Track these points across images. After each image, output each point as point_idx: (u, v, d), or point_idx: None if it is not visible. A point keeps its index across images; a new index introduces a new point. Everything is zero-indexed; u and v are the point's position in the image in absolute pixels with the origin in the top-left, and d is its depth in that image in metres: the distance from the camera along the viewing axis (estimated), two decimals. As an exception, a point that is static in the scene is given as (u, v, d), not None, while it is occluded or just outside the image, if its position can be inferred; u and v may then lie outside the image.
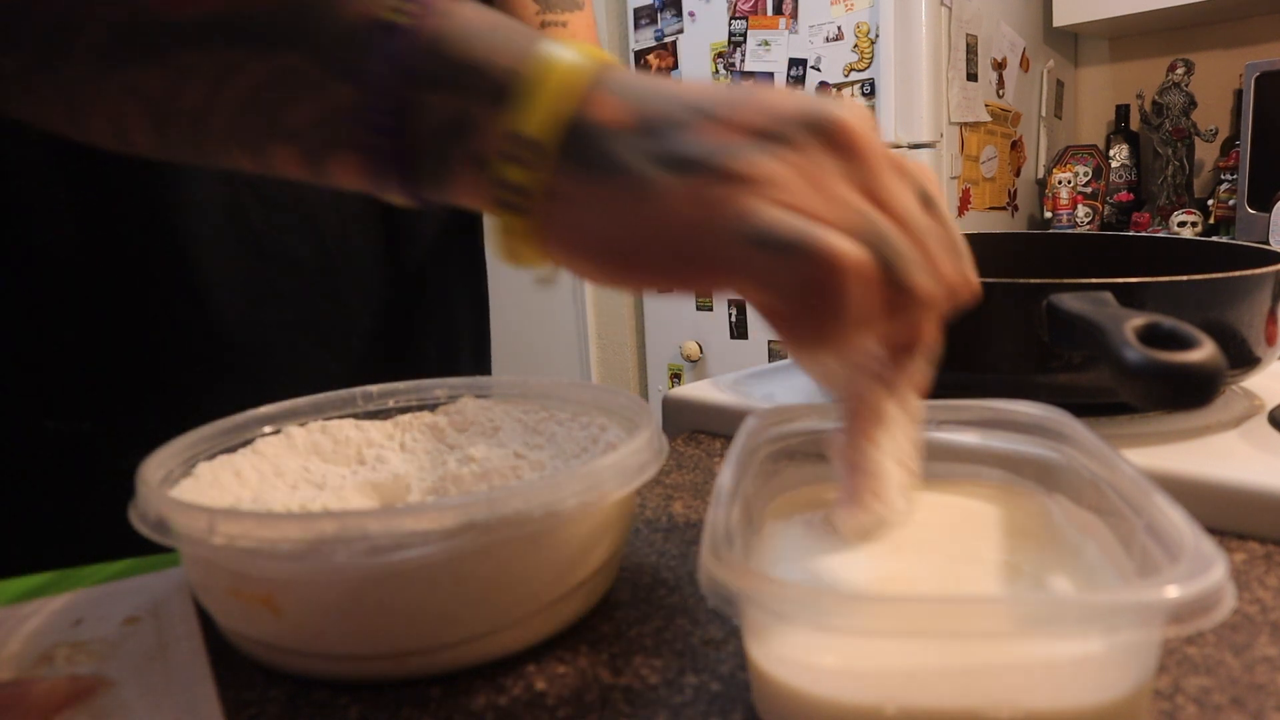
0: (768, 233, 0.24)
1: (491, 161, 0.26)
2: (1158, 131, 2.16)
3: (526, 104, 0.26)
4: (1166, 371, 0.33)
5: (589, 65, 0.27)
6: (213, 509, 0.32)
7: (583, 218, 0.26)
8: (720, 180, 0.25)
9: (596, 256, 0.27)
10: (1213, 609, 0.24)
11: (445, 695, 0.33)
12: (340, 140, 0.28)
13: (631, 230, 0.26)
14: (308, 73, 0.28)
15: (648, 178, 0.25)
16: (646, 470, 0.36)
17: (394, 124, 0.27)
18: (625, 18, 2.33)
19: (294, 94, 0.28)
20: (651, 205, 0.25)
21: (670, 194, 0.25)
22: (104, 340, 0.53)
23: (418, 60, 0.27)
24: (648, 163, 0.25)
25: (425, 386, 0.50)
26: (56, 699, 0.32)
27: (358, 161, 0.28)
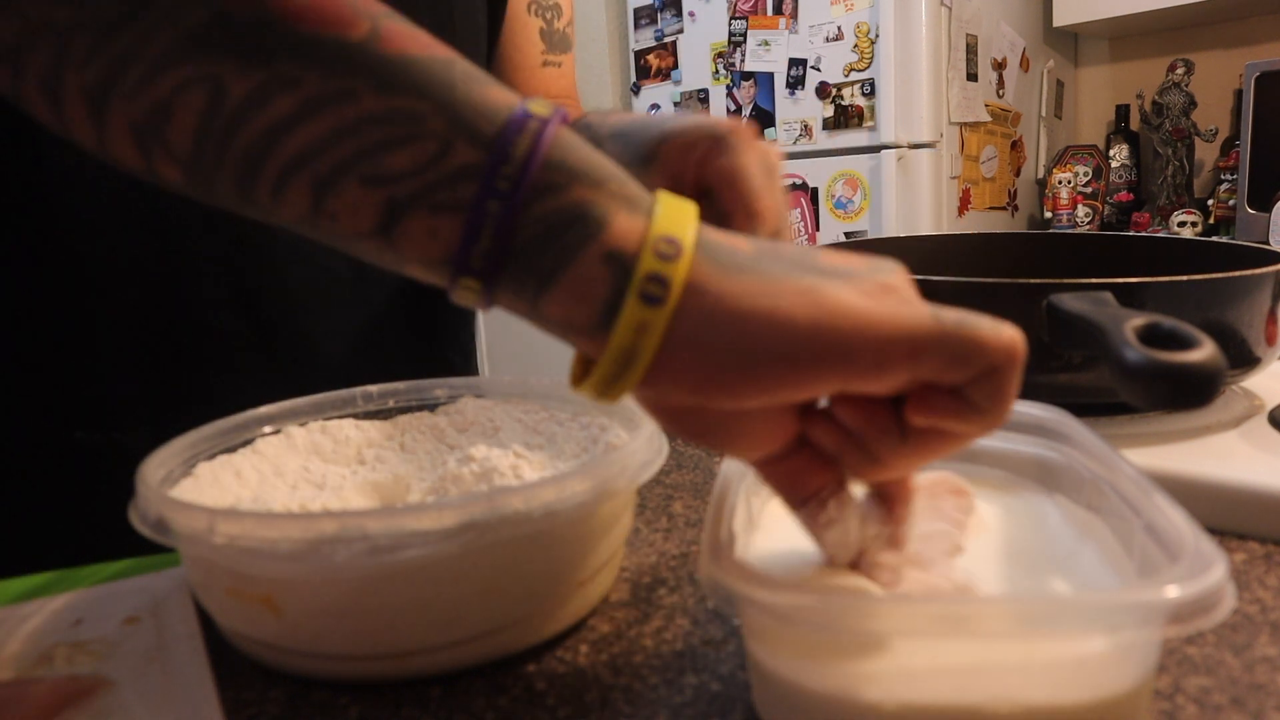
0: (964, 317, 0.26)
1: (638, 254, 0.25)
2: (1158, 131, 2.16)
3: (662, 211, 0.26)
4: (1166, 371, 0.33)
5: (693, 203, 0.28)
6: (213, 509, 0.32)
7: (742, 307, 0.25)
8: (880, 286, 0.26)
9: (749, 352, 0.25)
10: (1213, 609, 0.24)
11: (445, 695, 0.33)
12: (439, 197, 0.26)
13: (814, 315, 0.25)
14: (430, 123, 0.26)
15: (809, 278, 0.26)
16: (647, 470, 0.36)
17: (518, 193, 0.26)
18: (625, 18, 2.33)
19: (404, 139, 0.26)
20: (834, 297, 0.25)
21: (845, 290, 0.26)
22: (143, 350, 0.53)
23: (557, 150, 0.26)
24: (797, 270, 0.26)
25: (425, 386, 0.50)
26: (56, 699, 0.32)
27: (450, 224, 0.26)
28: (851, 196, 1.95)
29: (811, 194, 2.04)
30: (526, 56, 0.70)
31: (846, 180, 1.95)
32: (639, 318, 0.25)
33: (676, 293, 0.25)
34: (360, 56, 0.26)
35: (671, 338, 0.25)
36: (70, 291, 0.51)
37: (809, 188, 2.04)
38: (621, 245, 0.26)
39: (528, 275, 0.26)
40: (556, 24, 0.71)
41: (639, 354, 0.25)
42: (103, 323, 0.52)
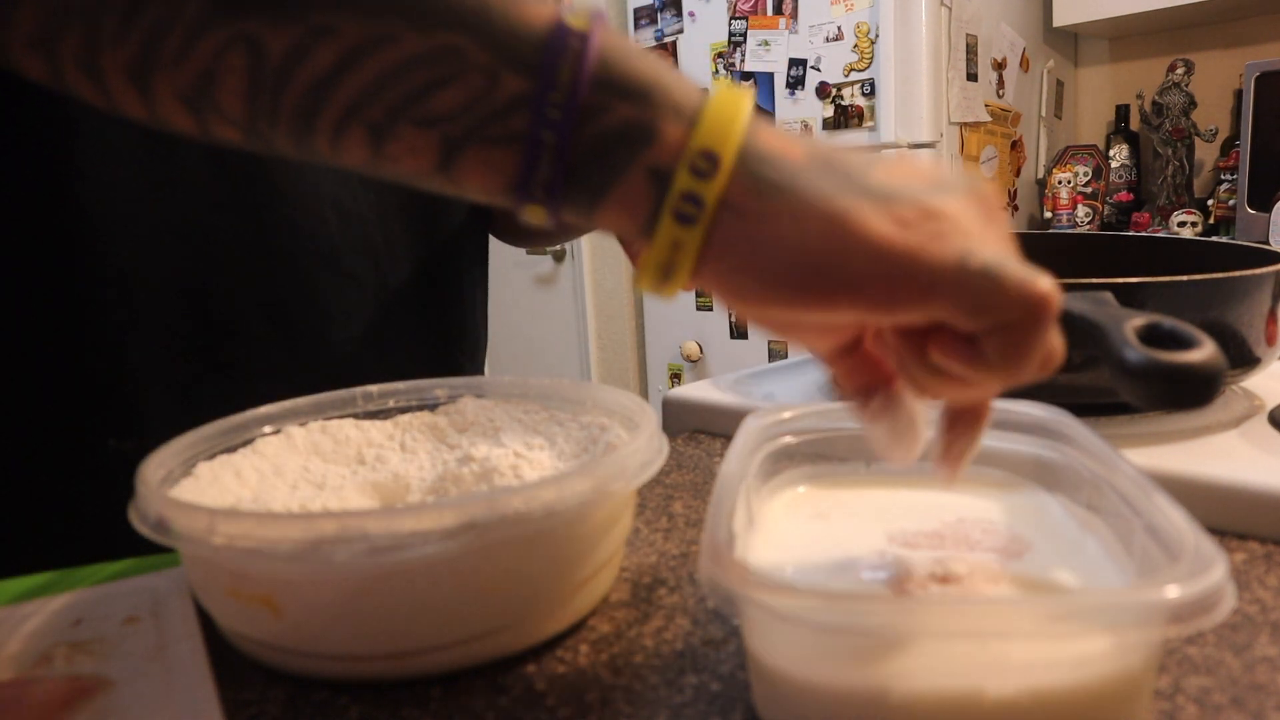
0: (990, 260, 0.25)
1: (674, 171, 0.26)
2: (1158, 131, 2.16)
3: (705, 122, 0.26)
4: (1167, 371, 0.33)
5: (751, 100, 0.27)
6: (213, 509, 0.32)
7: (767, 231, 0.26)
8: (921, 213, 0.26)
9: (775, 273, 0.26)
10: (1213, 609, 0.24)
11: (445, 695, 0.33)
12: (494, 131, 0.26)
13: (834, 245, 0.25)
14: (474, 57, 0.26)
15: (846, 199, 0.25)
16: (647, 470, 0.36)
17: (570, 121, 0.26)
18: (625, 18, 2.33)
19: (451, 76, 0.26)
20: (857, 224, 0.25)
21: (876, 216, 0.25)
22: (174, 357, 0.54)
23: (604, 66, 0.26)
24: (838, 188, 0.26)
25: (425, 386, 0.50)
26: (56, 699, 0.32)
27: (507, 156, 0.27)
28: (851, 196, 1.95)
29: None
30: None
31: (846, 180, 1.95)
32: (673, 235, 0.26)
33: (709, 212, 0.26)
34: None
35: (705, 253, 0.26)
36: (103, 300, 0.52)
37: (809, 188, 2.03)
38: (663, 159, 0.26)
39: (581, 192, 0.27)
40: None
41: (676, 266, 0.26)
42: (135, 331, 0.53)
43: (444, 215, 0.65)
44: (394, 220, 0.61)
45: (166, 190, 0.52)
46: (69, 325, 0.52)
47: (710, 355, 2.31)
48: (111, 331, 0.52)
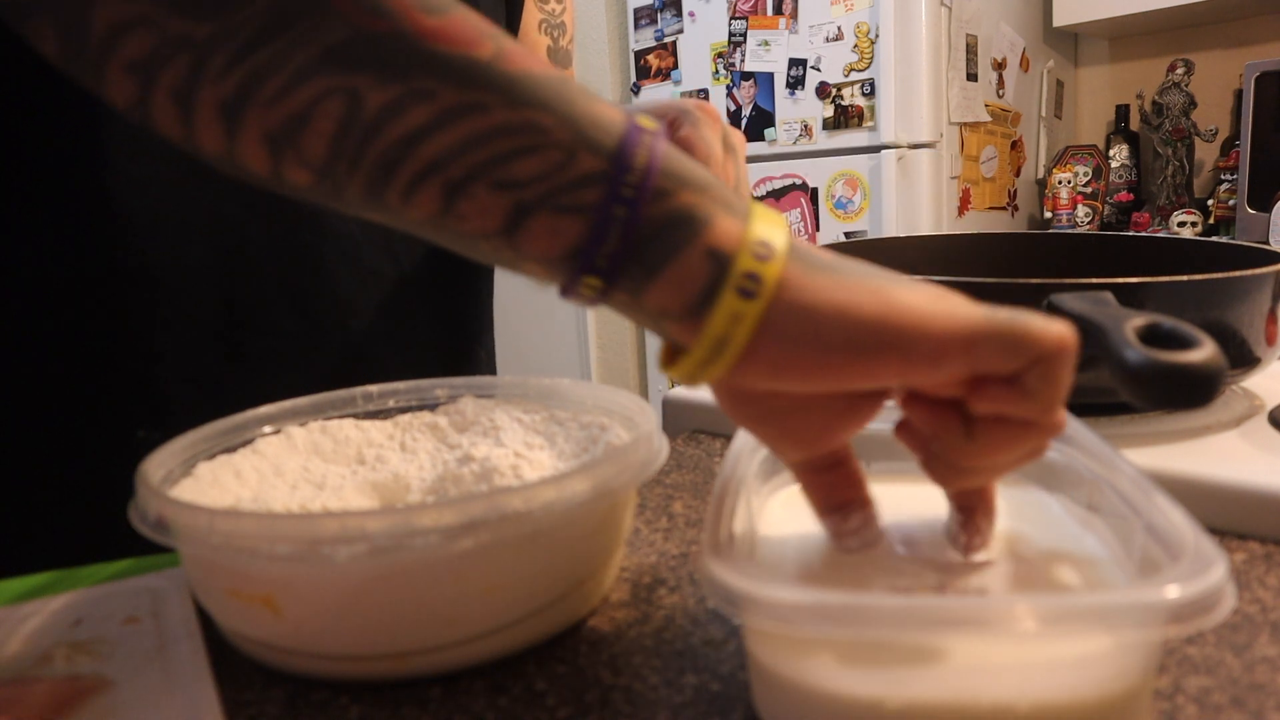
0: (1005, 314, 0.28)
1: (735, 254, 0.28)
2: (1158, 131, 2.16)
3: (757, 219, 0.29)
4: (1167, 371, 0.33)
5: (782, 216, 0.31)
6: (212, 509, 0.32)
7: (821, 301, 0.28)
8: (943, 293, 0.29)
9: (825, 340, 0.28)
10: (1213, 609, 0.24)
11: (445, 695, 0.33)
12: (565, 201, 0.29)
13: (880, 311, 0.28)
14: (556, 134, 0.29)
15: (885, 279, 0.29)
16: (647, 470, 0.36)
17: (642, 198, 0.28)
18: (625, 18, 2.33)
19: (532, 148, 0.29)
20: (902, 294, 0.28)
21: (911, 292, 0.29)
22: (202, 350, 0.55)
23: (667, 160, 0.29)
24: (876, 274, 0.29)
25: (425, 386, 0.50)
26: (56, 699, 0.32)
27: (574, 225, 0.29)
28: (851, 197, 1.95)
29: (811, 194, 2.04)
30: None
31: (846, 180, 1.95)
32: (734, 309, 0.28)
33: (770, 289, 0.28)
34: (489, 73, 0.29)
35: (761, 328, 0.28)
36: (133, 294, 0.53)
37: (809, 188, 2.04)
38: (721, 244, 0.28)
39: (639, 265, 0.29)
40: (561, 42, 0.75)
41: (731, 341, 0.28)
42: (163, 324, 0.54)
43: None
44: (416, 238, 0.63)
45: (195, 187, 0.53)
46: (99, 318, 0.53)
47: (710, 355, 2.30)
48: (141, 325, 0.54)
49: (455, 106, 0.28)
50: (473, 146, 0.29)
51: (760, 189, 2.11)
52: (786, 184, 2.07)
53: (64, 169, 0.51)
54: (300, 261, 0.57)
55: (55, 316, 0.53)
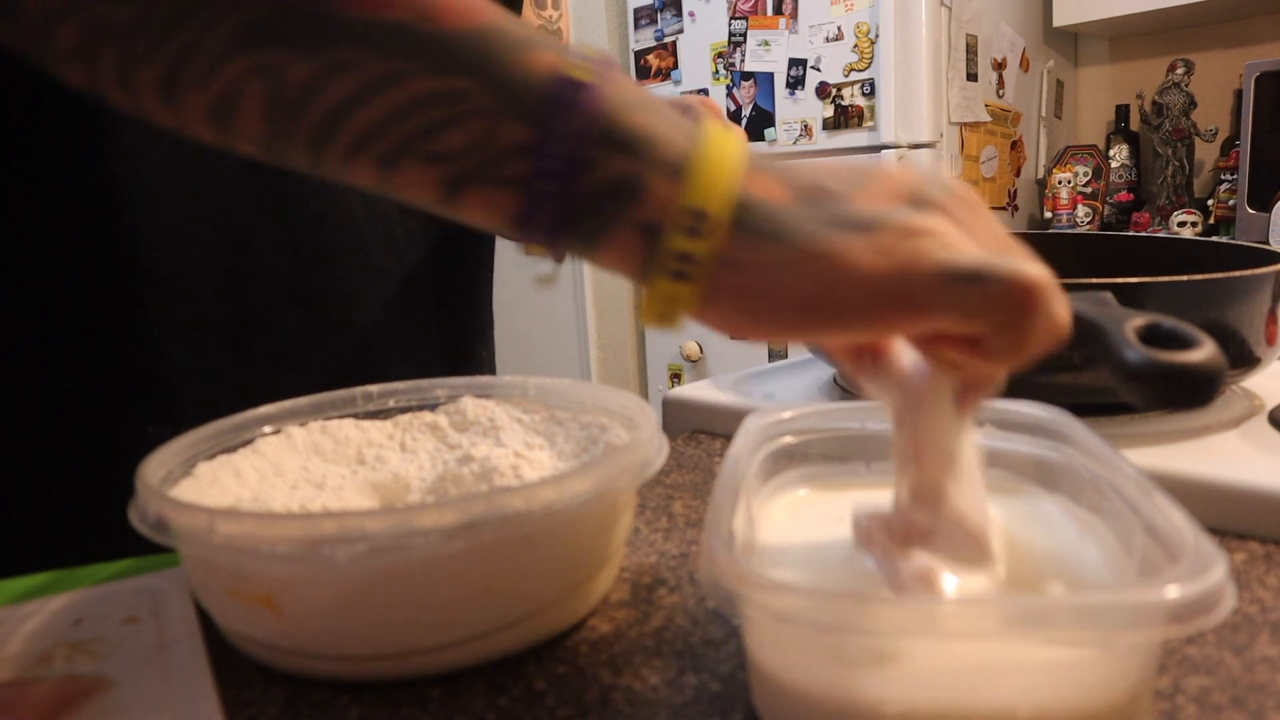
0: (970, 268, 0.26)
1: (664, 231, 0.27)
2: (1158, 131, 2.16)
3: (699, 179, 0.27)
4: (1167, 371, 0.33)
5: (743, 144, 0.29)
6: (212, 509, 0.32)
7: (761, 281, 0.27)
8: (902, 235, 0.27)
9: (774, 315, 0.27)
10: (1213, 609, 0.24)
11: (445, 695, 0.33)
12: (493, 174, 0.28)
13: (824, 286, 0.27)
14: (478, 101, 0.28)
15: (831, 239, 0.27)
16: (647, 470, 0.36)
17: (567, 172, 0.27)
18: (625, 18, 2.33)
19: (456, 118, 0.28)
20: (843, 262, 0.26)
21: (859, 251, 0.27)
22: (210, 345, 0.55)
23: (600, 120, 0.27)
24: (824, 227, 0.27)
25: (425, 386, 0.50)
26: (56, 699, 0.32)
27: (507, 199, 0.28)
28: (851, 196, 1.95)
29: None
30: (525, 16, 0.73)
31: (846, 180, 1.95)
32: (669, 291, 0.27)
33: (705, 269, 0.27)
34: (409, 37, 0.28)
35: (703, 302, 0.28)
36: (140, 291, 0.53)
37: (809, 188, 2.03)
38: (654, 216, 0.27)
39: (576, 238, 0.28)
40: None
41: (673, 314, 0.28)
42: (171, 321, 0.54)
43: None
44: (413, 214, 0.63)
45: (203, 185, 0.54)
46: (106, 315, 0.53)
47: (710, 355, 2.31)
48: (148, 321, 0.54)
49: (376, 78, 0.28)
50: (397, 119, 0.28)
51: (760, 189, 2.11)
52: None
53: (70, 165, 0.51)
54: (307, 259, 0.58)
55: (62, 313, 0.53)
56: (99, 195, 0.52)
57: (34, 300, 0.53)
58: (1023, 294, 0.26)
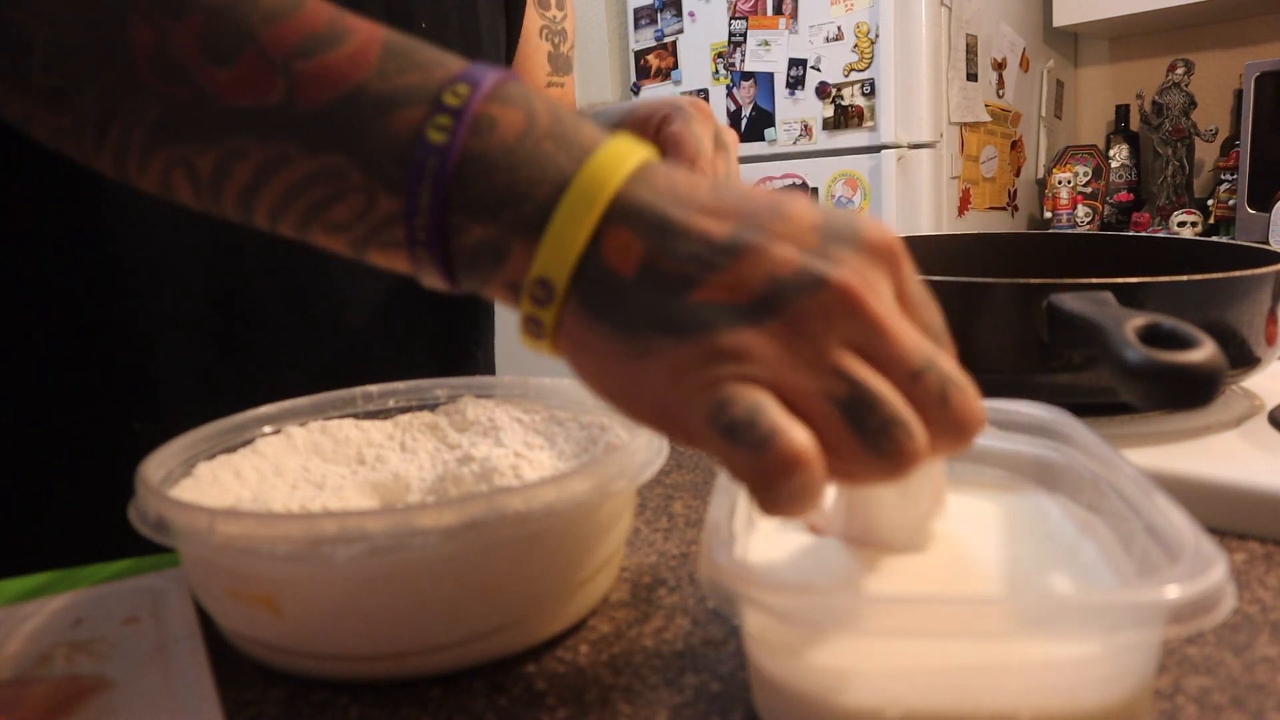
0: (726, 420, 0.25)
1: (521, 293, 0.28)
2: (1158, 131, 2.16)
3: (547, 245, 0.27)
4: (1167, 371, 0.33)
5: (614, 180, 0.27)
6: (213, 509, 0.32)
7: (585, 357, 0.28)
8: (707, 356, 0.25)
9: (599, 390, 0.28)
10: (1213, 609, 0.24)
11: (445, 695, 0.33)
12: (383, 240, 0.30)
13: (622, 382, 0.27)
14: (352, 177, 0.29)
15: (643, 342, 0.26)
16: (647, 470, 0.36)
17: (435, 242, 0.28)
18: (625, 18, 2.33)
19: (338, 194, 0.29)
20: (639, 366, 0.26)
21: (657, 359, 0.26)
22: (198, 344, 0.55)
23: (458, 184, 0.28)
24: (644, 322, 0.26)
25: (425, 386, 0.50)
26: (56, 699, 0.32)
27: (400, 260, 0.30)
28: (851, 196, 1.95)
29: (812, 194, 2.04)
30: (535, 79, 0.75)
31: (846, 180, 1.95)
32: (530, 340, 0.29)
33: (549, 332, 0.28)
34: (285, 119, 0.29)
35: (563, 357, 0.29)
36: (128, 288, 0.54)
37: (809, 188, 2.04)
38: (515, 277, 0.28)
39: (468, 285, 0.30)
40: (562, 48, 0.77)
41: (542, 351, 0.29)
42: (159, 319, 0.54)
43: None
44: None
45: None
46: (94, 312, 0.54)
47: (710, 355, 2.30)
48: (137, 319, 0.54)
49: (265, 163, 0.30)
50: (293, 198, 0.30)
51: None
52: (786, 184, 2.07)
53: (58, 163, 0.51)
54: (296, 257, 0.57)
55: (50, 310, 0.53)
56: (87, 193, 0.52)
57: (22, 298, 0.53)
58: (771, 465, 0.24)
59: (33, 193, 0.52)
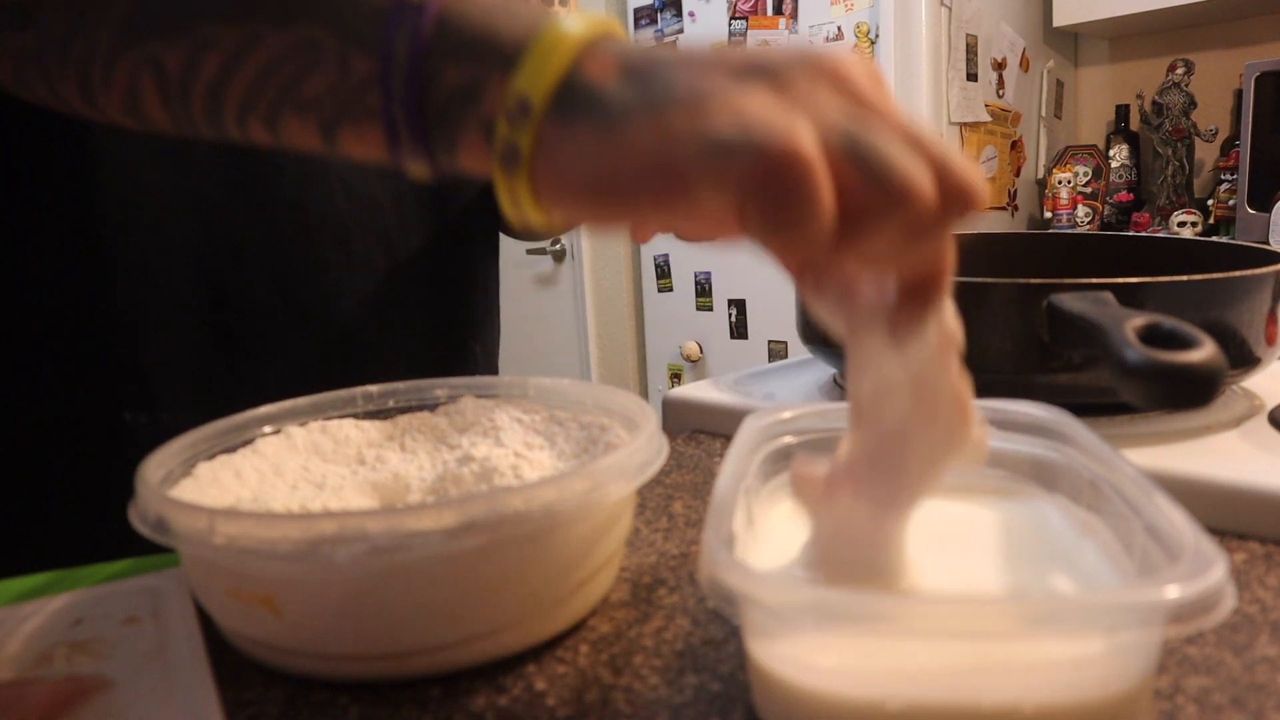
0: (715, 136, 0.24)
1: (494, 122, 0.28)
2: (1158, 131, 2.16)
3: (526, 67, 0.27)
4: (1167, 371, 0.33)
5: (588, 31, 0.28)
6: (213, 509, 0.32)
7: (562, 163, 0.27)
8: (696, 109, 0.25)
9: (577, 197, 0.27)
10: (1213, 609, 0.24)
11: (445, 695, 0.33)
12: (356, 110, 0.30)
13: (606, 164, 0.26)
14: (327, 44, 0.29)
15: (620, 116, 0.26)
16: (647, 470, 0.36)
17: (412, 93, 0.28)
18: (625, 18, 2.33)
19: (313, 65, 0.30)
20: (619, 137, 0.26)
21: (644, 128, 0.26)
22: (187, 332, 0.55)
23: (436, 34, 0.28)
24: (630, 107, 0.26)
25: (425, 386, 0.50)
26: (56, 699, 0.32)
27: (373, 129, 0.30)
28: (851, 196, 1.95)
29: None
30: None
31: (846, 180, 1.95)
32: (505, 182, 0.28)
33: (527, 157, 0.27)
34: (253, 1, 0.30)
35: (536, 190, 0.28)
36: (117, 277, 0.53)
37: (809, 188, 2.03)
38: (490, 112, 0.28)
39: (441, 151, 0.29)
40: None
41: (519, 202, 0.28)
42: (148, 307, 0.54)
43: (455, 200, 0.66)
44: (408, 206, 0.63)
45: (179, 170, 0.54)
46: (84, 302, 0.53)
47: (710, 355, 2.31)
48: (125, 308, 0.54)
49: (236, 46, 0.30)
50: (265, 79, 0.30)
51: (760, 189, 2.11)
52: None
53: (48, 153, 0.52)
54: (285, 246, 0.57)
55: (40, 298, 0.53)
56: (76, 183, 0.52)
57: (12, 286, 0.53)
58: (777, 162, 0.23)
59: (18, 180, 0.52)
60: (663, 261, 2.35)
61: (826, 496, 0.31)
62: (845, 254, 0.25)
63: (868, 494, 0.30)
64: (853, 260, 0.26)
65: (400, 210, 0.62)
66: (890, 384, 0.29)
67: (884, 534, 0.31)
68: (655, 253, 2.36)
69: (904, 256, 0.26)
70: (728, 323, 2.25)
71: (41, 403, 0.54)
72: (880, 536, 0.31)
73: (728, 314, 2.24)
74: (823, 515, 0.32)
